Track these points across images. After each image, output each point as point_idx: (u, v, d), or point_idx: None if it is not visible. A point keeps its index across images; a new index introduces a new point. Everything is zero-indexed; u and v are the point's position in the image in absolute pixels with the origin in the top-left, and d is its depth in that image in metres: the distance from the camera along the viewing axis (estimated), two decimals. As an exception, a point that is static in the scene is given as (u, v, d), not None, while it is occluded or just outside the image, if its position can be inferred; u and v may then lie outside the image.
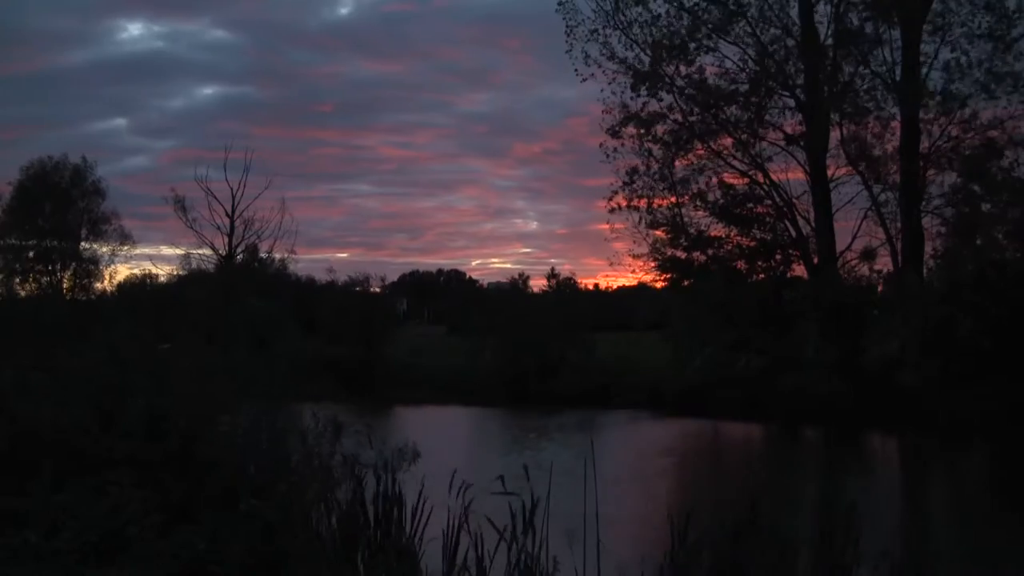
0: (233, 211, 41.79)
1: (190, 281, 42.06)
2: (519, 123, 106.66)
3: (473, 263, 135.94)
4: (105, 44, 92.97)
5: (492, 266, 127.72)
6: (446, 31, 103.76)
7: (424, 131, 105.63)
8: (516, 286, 40.70)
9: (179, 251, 42.49)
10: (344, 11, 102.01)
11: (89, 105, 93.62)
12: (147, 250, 56.56)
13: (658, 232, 29.96)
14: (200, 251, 41.66)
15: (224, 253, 41.82)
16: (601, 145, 29.88)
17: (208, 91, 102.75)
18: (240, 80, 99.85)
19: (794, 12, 28.16)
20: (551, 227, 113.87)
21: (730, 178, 29.97)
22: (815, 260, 28.86)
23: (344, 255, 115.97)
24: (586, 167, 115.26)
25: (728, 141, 29.93)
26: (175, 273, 44.15)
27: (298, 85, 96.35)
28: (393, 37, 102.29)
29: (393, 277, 43.39)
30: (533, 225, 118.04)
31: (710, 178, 29.96)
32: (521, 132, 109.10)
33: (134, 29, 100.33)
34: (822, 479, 17.00)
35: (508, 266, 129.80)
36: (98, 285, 47.08)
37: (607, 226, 30.60)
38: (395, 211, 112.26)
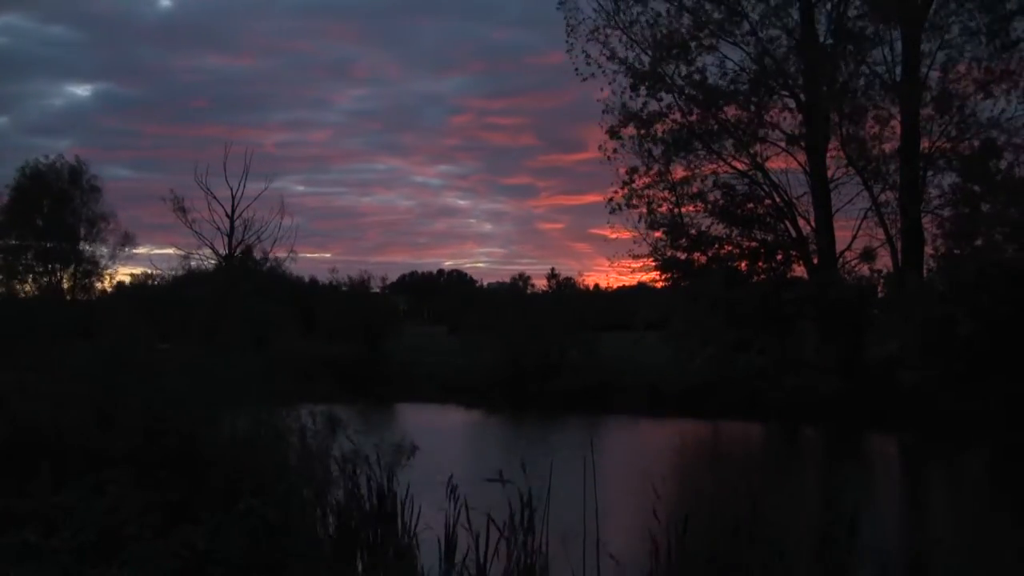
0: (233, 211, 41.96)
1: (189, 281, 42.10)
2: (410, 121, 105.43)
3: (446, 263, 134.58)
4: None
5: (465, 267, 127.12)
6: (276, 23, 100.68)
7: (320, 130, 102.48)
8: (516, 286, 40.76)
9: (140, 251, 42.52)
10: (165, 3, 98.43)
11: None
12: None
13: (657, 233, 30.01)
14: (170, 250, 41.83)
15: (224, 253, 41.93)
16: (600, 146, 29.97)
17: (79, 90, 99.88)
18: (100, 76, 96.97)
19: (794, 11, 28.20)
20: (503, 228, 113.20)
21: (727, 171, 29.99)
22: (815, 260, 28.86)
23: (312, 255, 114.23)
24: (498, 166, 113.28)
25: (728, 141, 29.94)
26: (172, 273, 44.23)
27: (158, 81, 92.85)
28: (226, 30, 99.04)
29: (366, 276, 42.64)
30: (488, 226, 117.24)
31: (708, 178, 30.00)
32: (417, 130, 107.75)
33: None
34: (822, 479, 16.99)
35: (481, 265, 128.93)
36: (99, 285, 47.09)
37: (550, 226, 30.78)
38: (334, 210, 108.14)
